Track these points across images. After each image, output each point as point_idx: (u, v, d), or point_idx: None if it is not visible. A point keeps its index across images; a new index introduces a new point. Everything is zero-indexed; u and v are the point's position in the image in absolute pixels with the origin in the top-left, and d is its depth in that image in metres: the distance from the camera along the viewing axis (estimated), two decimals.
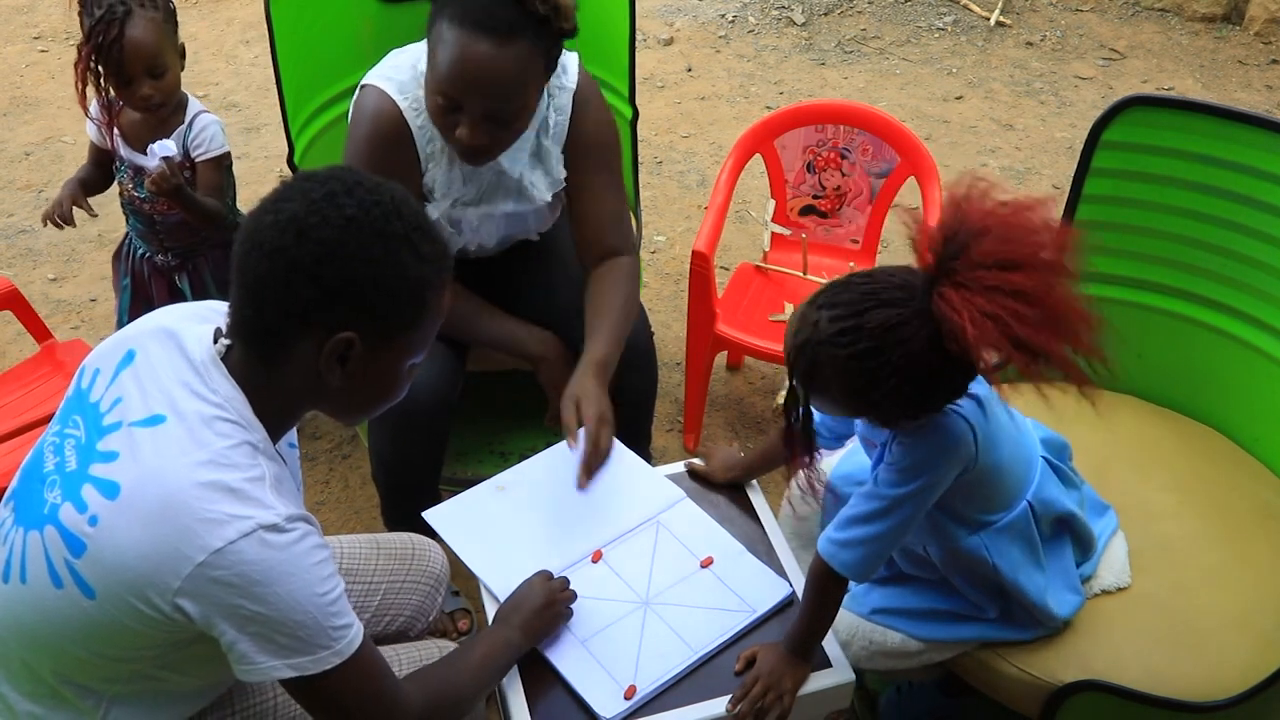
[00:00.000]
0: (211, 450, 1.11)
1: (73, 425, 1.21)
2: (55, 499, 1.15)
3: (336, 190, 1.14)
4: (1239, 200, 1.74)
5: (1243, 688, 1.47)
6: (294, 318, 1.14)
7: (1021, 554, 1.49)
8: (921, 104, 3.88)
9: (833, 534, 1.42)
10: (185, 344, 1.19)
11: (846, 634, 1.57)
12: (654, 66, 4.09)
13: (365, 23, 2.26)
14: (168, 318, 1.25)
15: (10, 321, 2.49)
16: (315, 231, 1.11)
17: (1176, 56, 4.17)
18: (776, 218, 2.61)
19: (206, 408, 1.14)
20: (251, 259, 1.13)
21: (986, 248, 1.18)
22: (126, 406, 1.17)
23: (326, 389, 1.19)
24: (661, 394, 2.30)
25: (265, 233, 1.13)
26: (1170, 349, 1.91)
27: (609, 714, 1.42)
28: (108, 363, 1.23)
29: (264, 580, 1.09)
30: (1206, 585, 1.63)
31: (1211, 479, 1.80)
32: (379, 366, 1.21)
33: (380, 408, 1.29)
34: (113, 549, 1.10)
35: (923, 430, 1.36)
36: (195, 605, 1.09)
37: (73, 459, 1.17)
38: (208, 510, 1.08)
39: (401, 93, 1.76)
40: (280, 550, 1.10)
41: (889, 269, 1.30)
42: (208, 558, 1.07)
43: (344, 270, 1.12)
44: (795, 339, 1.31)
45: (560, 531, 1.67)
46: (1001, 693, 1.58)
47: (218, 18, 4.48)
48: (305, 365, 1.16)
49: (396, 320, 1.18)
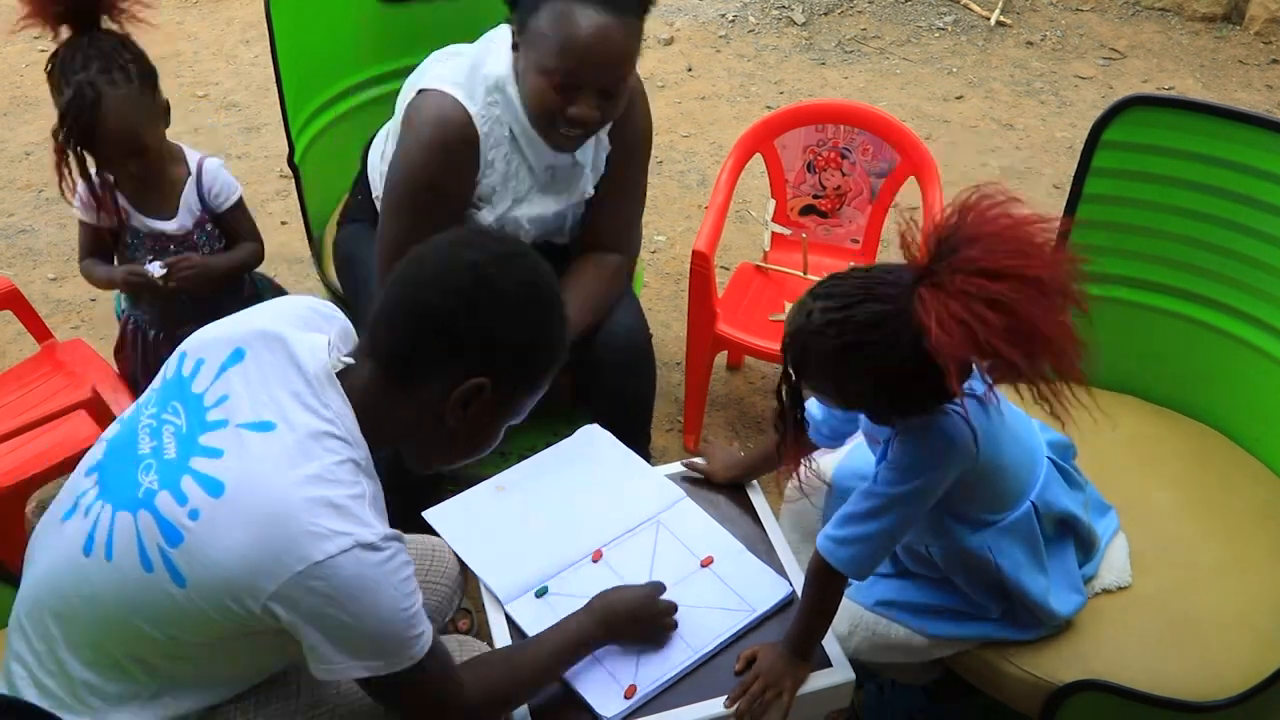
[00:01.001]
0: (319, 465, 1.16)
1: (172, 412, 1.24)
2: (151, 484, 1.18)
3: (513, 252, 1.25)
4: (1239, 200, 1.74)
5: (1243, 687, 1.47)
6: (444, 353, 1.21)
7: (1024, 554, 1.49)
8: (922, 104, 3.88)
9: (831, 531, 1.42)
10: (297, 353, 1.22)
11: (849, 625, 1.57)
12: (654, 66, 4.09)
13: (365, 23, 2.27)
14: (274, 321, 1.28)
15: (10, 321, 2.49)
16: (495, 283, 1.21)
17: (1177, 56, 4.17)
18: (777, 217, 2.61)
19: (318, 422, 1.18)
20: (426, 291, 1.21)
21: (972, 254, 1.17)
22: (233, 406, 1.20)
23: (436, 427, 1.25)
24: (661, 394, 2.30)
25: (445, 271, 1.21)
26: (1170, 349, 1.91)
27: (609, 713, 1.42)
28: (213, 356, 1.26)
29: (356, 595, 1.15)
30: (1207, 585, 1.63)
31: (1211, 479, 1.80)
32: (488, 418, 1.29)
33: (464, 460, 1.35)
34: (212, 546, 1.14)
35: (922, 429, 1.36)
36: (286, 610, 1.15)
37: (171, 447, 1.20)
38: (311, 523, 1.13)
39: (470, 98, 1.76)
40: (373, 568, 1.15)
41: (888, 265, 1.31)
42: (307, 568, 1.12)
43: (509, 326, 1.22)
44: (790, 326, 1.33)
45: (560, 531, 1.67)
46: (1002, 692, 1.58)
47: (218, 17, 4.48)
48: (429, 400, 1.23)
49: (527, 381, 1.28)
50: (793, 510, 1.77)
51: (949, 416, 1.35)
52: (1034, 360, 1.20)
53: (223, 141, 3.70)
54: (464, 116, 1.75)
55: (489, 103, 1.77)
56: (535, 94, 1.70)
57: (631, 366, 1.96)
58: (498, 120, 1.78)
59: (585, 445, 1.85)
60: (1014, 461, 1.47)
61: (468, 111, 1.75)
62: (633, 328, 1.97)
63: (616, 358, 1.93)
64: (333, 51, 2.25)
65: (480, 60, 1.78)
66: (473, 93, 1.76)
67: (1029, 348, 1.18)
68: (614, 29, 1.64)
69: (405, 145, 1.79)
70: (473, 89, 1.76)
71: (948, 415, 1.35)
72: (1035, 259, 1.19)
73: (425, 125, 1.76)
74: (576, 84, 1.67)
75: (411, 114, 1.79)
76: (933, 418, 1.35)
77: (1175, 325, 1.88)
